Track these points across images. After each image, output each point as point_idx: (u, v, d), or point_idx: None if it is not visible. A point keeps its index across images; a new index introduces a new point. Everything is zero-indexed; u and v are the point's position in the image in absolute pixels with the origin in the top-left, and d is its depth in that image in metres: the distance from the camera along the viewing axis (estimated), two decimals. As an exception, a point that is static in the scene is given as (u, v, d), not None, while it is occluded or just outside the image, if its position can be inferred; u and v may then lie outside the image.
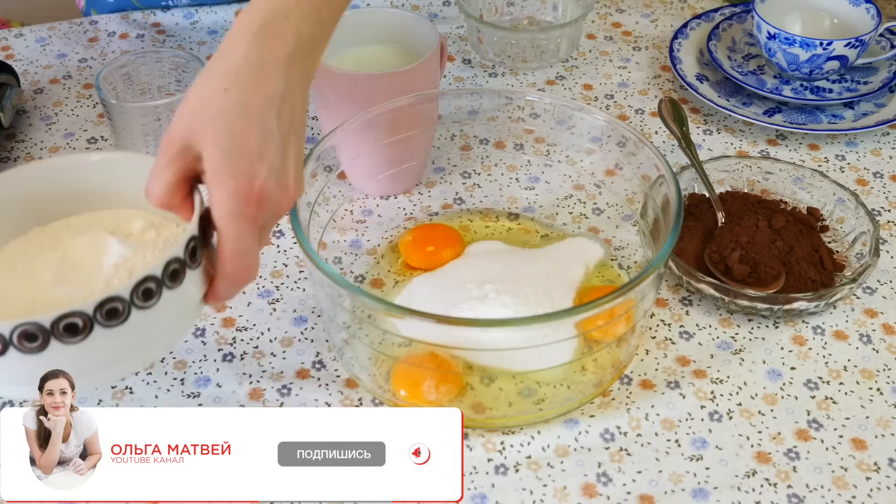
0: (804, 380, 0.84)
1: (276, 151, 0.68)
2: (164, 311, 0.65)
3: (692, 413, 0.81)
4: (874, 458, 0.78)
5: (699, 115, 1.12)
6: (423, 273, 0.90)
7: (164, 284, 0.64)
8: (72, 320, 0.61)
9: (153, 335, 0.67)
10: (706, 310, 0.90)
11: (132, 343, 0.65)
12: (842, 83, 1.13)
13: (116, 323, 0.63)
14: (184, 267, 0.66)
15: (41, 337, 0.61)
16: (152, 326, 0.66)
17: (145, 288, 0.63)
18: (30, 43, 1.23)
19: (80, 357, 0.63)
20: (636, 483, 0.76)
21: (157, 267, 0.64)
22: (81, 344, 0.62)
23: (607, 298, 0.73)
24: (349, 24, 1.00)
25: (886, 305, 0.90)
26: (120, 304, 0.63)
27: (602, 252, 0.92)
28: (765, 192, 0.99)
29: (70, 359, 0.62)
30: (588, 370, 0.82)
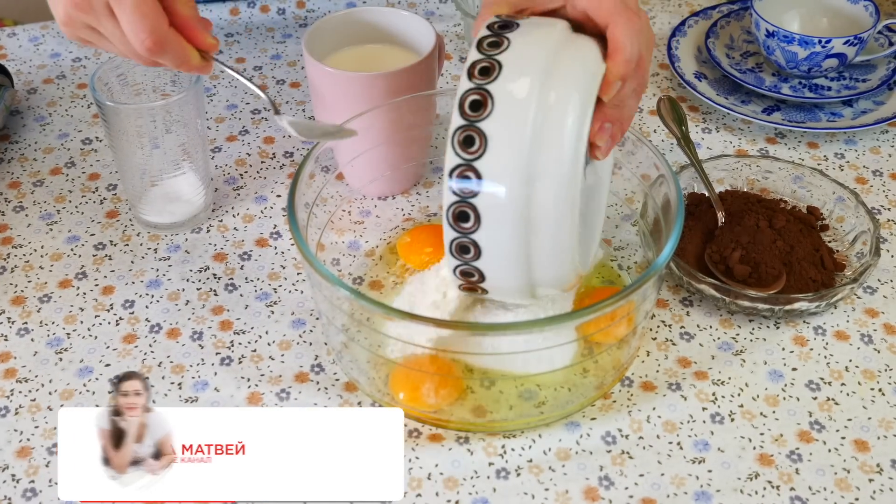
0: (806, 381, 0.83)
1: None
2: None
3: (694, 415, 0.81)
4: (877, 459, 0.78)
5: (698, 113, 1.12)
6: (419, 271, 0.89)
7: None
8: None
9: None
10: (707, 310, 0.89)
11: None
12: (840, 81, 1.13)
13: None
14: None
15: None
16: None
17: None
18: (23, 42, 1.22)
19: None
20: (638, 486, 0.76)
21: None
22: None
23: (609, 301, 0.72)
24: (346, 23, 0.99)
25: (887, 305, 0.89)
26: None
27: (601, 253, 0.92)
28: (764, 190, 0.98)
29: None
30: (589, 372, 0.81)
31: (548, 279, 0.72)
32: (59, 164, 1.04)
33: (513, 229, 0.68)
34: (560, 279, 0.72)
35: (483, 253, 0.69)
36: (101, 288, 0.91)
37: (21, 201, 1.00)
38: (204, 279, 0.92)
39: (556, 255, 0.70)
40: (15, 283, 0.91)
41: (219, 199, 1.00)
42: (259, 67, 1.19)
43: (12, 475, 0.76)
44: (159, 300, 0.90)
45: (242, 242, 0.96)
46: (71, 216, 0.98)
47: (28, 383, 0.83)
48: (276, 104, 0.83)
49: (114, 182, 1.02)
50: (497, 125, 0.66)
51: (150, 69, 0.94)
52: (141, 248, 0.95)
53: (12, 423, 0.80)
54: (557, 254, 0.70)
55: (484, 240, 0.68)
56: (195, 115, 0.92)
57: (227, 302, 0.90)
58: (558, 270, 0.71)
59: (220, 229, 0.97)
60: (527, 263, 0.70)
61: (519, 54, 0.68)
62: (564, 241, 0.69)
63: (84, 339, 0.86)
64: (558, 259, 0.70)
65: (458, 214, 0.68)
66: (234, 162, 1.05)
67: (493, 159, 0.66)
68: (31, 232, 0.96)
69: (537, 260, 0.70)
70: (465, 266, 0.70)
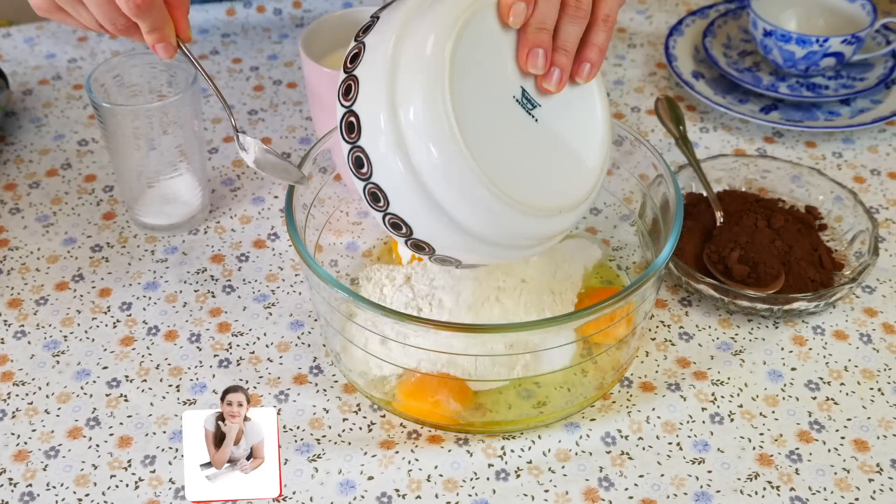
0: (805, 380, 0.83)
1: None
2: None
3: (693, 415, 0.80)
4: (876, 459, 0.78)
5: (695, 112, 1.12)
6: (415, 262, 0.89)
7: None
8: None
9: None
10: (705, 310, 0.89)
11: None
12: (838, 80, 1.13)
13: None
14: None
15: None
16: None
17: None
18: (18, 43, 1.22)
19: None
20: (638, 487, 0.76)
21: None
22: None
23: (609, 302, 0.72)
24: (342, 23, 0.99)
25: (886, 304, 0.89)
26: None
27: (600, 253, 0.92)
28: (762, 190, 0.98)
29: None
30: (588, 373, 0.81)
31: (476, 221, 0.68)
32: (56, 166, 1.04)
33: (396, 161, 0.66)
34: (492, 221, 0.68)
35: (389, 197, 0.68)
36: (98, 290, 0.91)
37: (17, 203, 0.99)
38: (202, 281, 0.92)
39: (457, 187, 0.66)
40: (11, 285, 0.91)
41: (216, 201, 1.00)
42: (256, 68, 1.18)
43: (10, 479, 0.76)
44: (157, 302, 0.90)
45: (240, 244, 0.95)
46: (67, 218, 0.98)
47: (25, 386, 0.83)
48: (237, 128, 0.82)
49: (110, 184, 1.02)
50: (365, 68, 0.68)
51: (145, 70, 0.93)
52: (138, 249, 0.95)
53: (9, 426, 0.80)
54: (459, 185, 0.66)
55: (382, 181, 0.67)
56: (192, 116, 0.91)
57: (225, 304, 0.89)
58: (477, 207, 0.67)
59: (217, 231, 0.97)
60: (432, 199, 0.67)
61: (395, 6, 0.70)
62: (456, 169, 0.66)
63: (81, 342, 0.86)
64: (465, 193, 0.66)
65: (354, 161, 0.68)
66: (230, 163, 1.05)
67: (363, 98, 0.67)
68: (28, 234, 0.96)
69: (442, 195, 0.67)
70: (386, 215, 0.69)
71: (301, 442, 0.78)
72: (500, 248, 0.70)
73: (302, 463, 0.77)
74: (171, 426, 0.80)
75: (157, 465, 0.77)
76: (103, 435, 0.79)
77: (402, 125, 0.66)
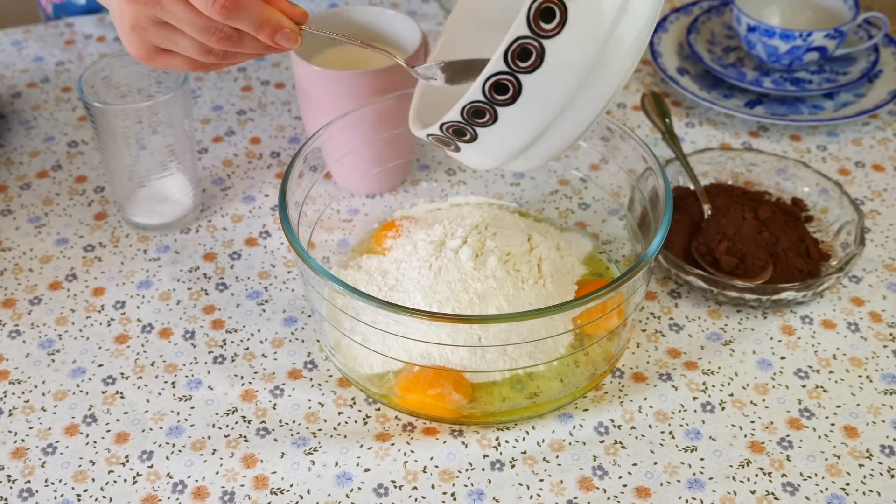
0: (794, 369, 0.84)
1: None
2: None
3: (685, 404, 0.81)
4: (866, 444, 0.79)
5: (681, 108, 1.13)
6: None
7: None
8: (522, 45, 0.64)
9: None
10: (695, 302, 0.90)
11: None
12: (821, 74, 1.14)
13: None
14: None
15: (511, 86, 0.65)
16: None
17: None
18: (5, 46, 1.22)
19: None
20: (632, 475, 0.76)
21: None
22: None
23: (601, 292, 0.73)
24: (331, 22, 0.99)
25: (873, 294, 0.91)
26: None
27: (591, 245, 0.93)
28: (749, 183, 0.99)
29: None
30: (580, 364, 0.82)
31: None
32: (46, 168, 1.04)
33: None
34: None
35: (522, 96, 0.67)
36: (91, 289, 0.91)
37: (8, 205, 1.00)
38: (195, 279, 0.92)
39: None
40: (5, 285, 0.91)
41: (207, 200, 1.00)
42: (243, 69, 1.19)
43: (8, 476, 0.76)
44: (150, 300, 0.90)
45: (232, 242, 0.96)
46: (59, 219, 0.98)
47: (21, 385, 0.83)
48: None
49: (101, 184, 1.02)
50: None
51: (133, 71, 0.94)
52: (130, 249, 0.95)
53: (6, 424, 0.80)
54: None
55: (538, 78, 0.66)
56: (182, 116, 0.92)
57: (219, 301, 0.90)
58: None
59: (209, 229, 0.97)
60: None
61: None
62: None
63: (76, 340, 0.86)
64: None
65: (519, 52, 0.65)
66: (221, 163, 1.05)
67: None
68: (20, 235, 0.96)
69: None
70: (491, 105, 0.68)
71: (297, 436, 0.79)
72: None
73: (298, 456, 0.77)
74: (167, 422, 0.80)
75: (155, 461, 0.77)
76: (100, 431, 0.80)
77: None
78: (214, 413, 0.81)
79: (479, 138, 0.70)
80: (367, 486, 0.76)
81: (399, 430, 0.80)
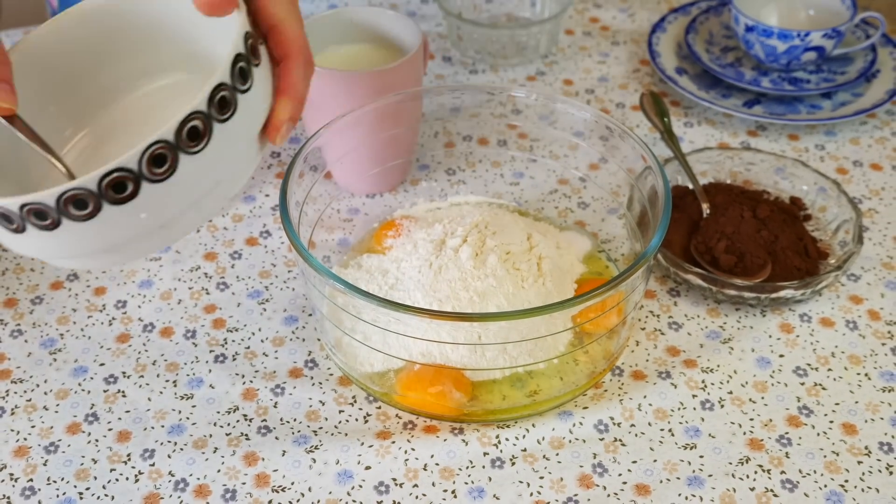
0: (793, 367, 0.85)
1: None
2: (217, 150, 0.61)
3: (684, 402, 0.82)
4: (865, 441, 0.79)
5: (679, 107, 1.13)
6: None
7: (212, 118, 0.60)
8: (158, 152, 0.58)
9: (208, 182, 0.62)
10: (694, 300, 0.90)
11: (187, 195, 0.61)
12: (819, 74, 1.14)
13: (165, 175, 0.59)
14: (234, 92, 0.61)
15: (91, 202, 0.58)
16: (207, 171, 0.61)
17: (191, 127, 0.59)
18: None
19: (132, 220, 0.60)
20: (632, 473, 0.77)
21: (202, 100, 0.59)
22: (131, 203, 0.59)
23: (600, 290, 0.73)
24: (331, 23, 1.00)
25: (871, 292, 0.91)
26: (199, 121, 0.59)
27: (590, 245, 0.93)
28: (747, 182, 1.00)
29: (123, 222, 0.59)
30: (580, 362, 0.82)
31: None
32: (47, 168, 1.05)
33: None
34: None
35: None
36: (92, 289, 0.91)
37: (10, 205, 1.00)
38: (195, 278, 0.92)
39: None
40: (6, 285, 0.92)
41: (207, 200, 1.01)
42: (243, 69, 1.19)
43: (10, 474, 0.77)
44: (151, 300, 0.90)
45: (233, 241, 0.96)
46: (60, 219, 0.98)
47: (23, 384, 0.83)
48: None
49: (102, 184, 1.02)
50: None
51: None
52: (131, 248, 0.95)
53: (8, 423, 0.80)
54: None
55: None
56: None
57: (220, 300, 0.90)
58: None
59: (210, 229, 0.98)
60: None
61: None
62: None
63: (77, 340, 0.87)
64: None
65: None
66: (221, 163, 1.05)
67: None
68: (21, 235, 0.97)
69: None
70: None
71: (298, 434, 0.79)
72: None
73: (299, 454, 0.78)
74: (169, 420, 0.80)
75: (157, 459, 0.78)
76: (102, 430, 0.80)
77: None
78: (216, 411, 0.81)
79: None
80: (367, 484, 0.76)
81: (400, 428, 0.80)
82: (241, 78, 0.62)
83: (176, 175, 0.60)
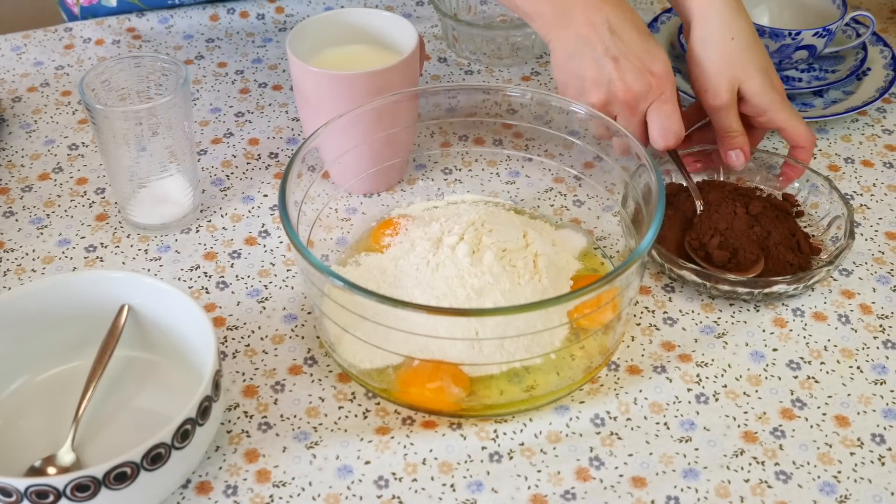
0: (786, 360, 0.86)
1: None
2: (196, 447, 0.74)
3: (679, 396, 0.83)
4: (857, 433, 0.80)
5: (673, 106, 1.14)
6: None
7: (197, 423, 0.72)
8: (122, 470, 0.68)
9: (185, 470, 0.75)
10: (688, 296, 0.91)
11: (166, 482, 0.73)
12: (810, 72, 1.16)
13: (158, 467, 0.70)
14: (211, 403, 0.74)
15: (93, 487, 0.68)
16: (186, 462, 0.74)
17: (183, 431, 0.71)
18: (5, 51, 1.23)
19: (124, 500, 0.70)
20: (628, 466, 0.78)
21: (192, 409, 0.71)
22: (126, 489, 0.70)
23: (595, 286, 0.74)
24: (327, 24, 1.01)
25: (863, 286, 0.92)
26: (163, 449, 0.70)
27: (585, 242, 0.94)
28: (740, 179, 1.01)
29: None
30: (576, 357, 0.83)
31: None
32: (47, 170, 1.06)
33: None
34: None
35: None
36: (93, 289, 0.92)
37: (10, 207, 1.01)
38: (195, 278, 0.93)
39: None
40: (8, 286, 0.93)
41: (206, 200, 1.02)
42: (241, 71, 1.20)
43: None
44: (152, 299, 0.91)
45: (232, 241, 0.97)
46: (61, 220, 0.99)
47: (26, 383, 0.84)
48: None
49: (102, 186, 1.03)
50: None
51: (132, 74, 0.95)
52: (132, 249, 0.96)
53: (12, 421, 0.81)
54: None
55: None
56: (181, 118, 0.93)
57: (220, 299, 0.91)
58: None
59: (209, 229, 0.99)
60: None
61: None
62: None
63: (79, 339, 0.88)
64: None
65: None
66: (220, 163, 1.07)
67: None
68: (22, 236, 0.98)
69: None
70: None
71: (298, 430, 0.80)
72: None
73: (300, 450, 0.79)
74: (170, 418, 0.81)
75: (159, 456, 0.79)
76: (105, 428, 0.81)
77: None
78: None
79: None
80: (367, 479, 0.77)
81: (399, 423, 0.81)
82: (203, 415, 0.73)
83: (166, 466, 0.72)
